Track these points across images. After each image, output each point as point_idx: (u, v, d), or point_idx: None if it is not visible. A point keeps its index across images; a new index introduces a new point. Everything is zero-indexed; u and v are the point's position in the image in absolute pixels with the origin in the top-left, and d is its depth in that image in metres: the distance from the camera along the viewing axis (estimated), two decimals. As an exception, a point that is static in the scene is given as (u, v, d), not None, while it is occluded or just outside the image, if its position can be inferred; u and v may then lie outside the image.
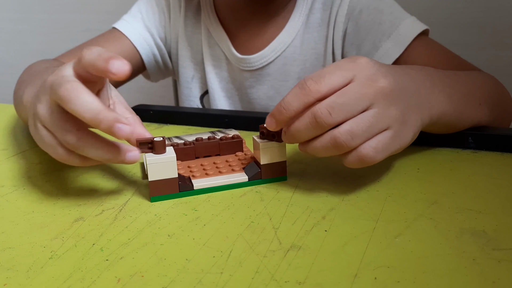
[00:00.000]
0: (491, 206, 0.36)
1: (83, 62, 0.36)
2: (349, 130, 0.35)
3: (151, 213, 0.38)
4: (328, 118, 0.35)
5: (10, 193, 0.43)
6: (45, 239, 0.34)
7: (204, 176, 0.42)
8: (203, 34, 0.74)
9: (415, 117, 0.39)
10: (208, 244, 0.33)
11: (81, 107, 0.34)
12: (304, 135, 0.36)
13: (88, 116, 0.34)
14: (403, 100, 0.38)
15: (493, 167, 0.44)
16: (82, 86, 0.35)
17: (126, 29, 0.73)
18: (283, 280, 0.28)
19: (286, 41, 0.68)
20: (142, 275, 0.30)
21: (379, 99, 0.36)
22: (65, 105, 0.35)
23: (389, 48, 0.61)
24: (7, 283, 0.29)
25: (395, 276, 0.28)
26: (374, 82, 0.36)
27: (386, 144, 0.36)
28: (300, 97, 0.36)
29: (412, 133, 0.38)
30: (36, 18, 1.50)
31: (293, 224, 0.35)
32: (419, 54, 0.61)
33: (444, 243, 0.32)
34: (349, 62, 0.37)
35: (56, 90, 0.35)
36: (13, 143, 0.56)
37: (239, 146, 0.47)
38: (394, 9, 0.63)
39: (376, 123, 0.36)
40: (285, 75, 0.70)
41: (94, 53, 0.35)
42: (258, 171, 0.42)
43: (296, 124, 0.36)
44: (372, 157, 0.36)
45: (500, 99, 0.55)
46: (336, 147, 0.35)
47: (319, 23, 0.67)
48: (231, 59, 0.71)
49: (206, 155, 0.46)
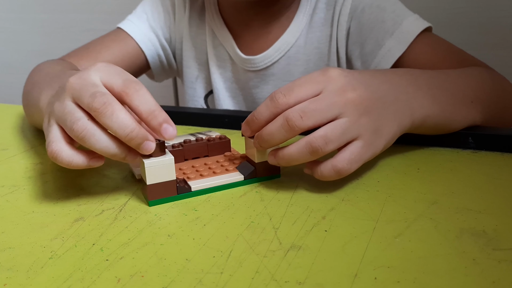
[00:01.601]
0: (491, 206, 0.36)
1: (127, 100, 0.37)
2: (323, 135, 0.37)
3: (151, 213, 0.38)
4: (299, 122, 0.37)
5: (10, 193, 0.43)
6: (45, 239, 0.34)
7: (199, 177, 0.42)
8: (208, 34, 0.74)
9: (389, 124, 0.40)
10: (208, 244, 0.33)
11: (117, 124, 0.35)
12: (276, 138, 0.38)
13: (123, 134, 0.36)
14: (376, 109, 0.39)
15: (493, 167, 0.44)
16: (117, 102, 0.36)
17: (131, 30, 0.73)
18: (283, 280, 0.28)
19: (290, 41, 0.68)
20: (142, 275, 0.30)
21: (349, 109, 0.38)
22: (98, 118, 0.36)
23: (392, 46, 0.61)
24: (7, 283, 0.29)
25: (395, 276, 0.28)
26: (344, 92, 0.38)
27: (359, 154, 0.38)
28: (269, 109, 0.38)
29: (384, 141, 0.40)
30: (36, 18, 1.50)
31: (293, 224, 0.35)
32: (422, 51, 0.61)
33: (444, 243, 0.32)
34: (320, 74, 0.39)
35: (87, 97, 0.36)
36: (13, 143, 0.56)
37: (227, 146, 0.47)
38: (396, 7, 0.63)
39: (348, 130, 0.37)
40: (289, 75, 0.70)
41: (143, 101, 0.37)
42: (253, 169, 0.42)
43: (269, 127, 0.38)
44: (348, 169, 0.38)
45: (500, 95, 0.55)
46: (311, 152, 0.37)
47: (322, 23, 0.67)
48: (236, 59, 0.71)
49: (195, 156, 0.46)
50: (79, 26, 1.43)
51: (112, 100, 0.36)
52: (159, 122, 0.37)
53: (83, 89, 0.36)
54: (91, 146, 0.36)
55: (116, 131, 0.36)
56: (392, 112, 0.40)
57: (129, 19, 0.75)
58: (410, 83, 0.44)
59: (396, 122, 0.41)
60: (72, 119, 0.36)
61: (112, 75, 0.38)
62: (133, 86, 0.37)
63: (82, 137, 0.36)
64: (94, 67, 0.38)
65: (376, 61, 0.62)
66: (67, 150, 0.37)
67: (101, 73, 0.38)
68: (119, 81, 0.37)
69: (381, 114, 0.39)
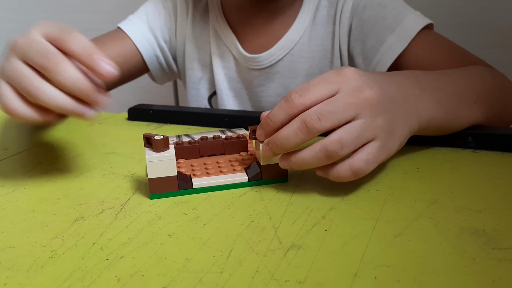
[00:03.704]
0: (491, 206, 0.36)
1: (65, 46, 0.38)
2: (338, 139, 0.36)
3: (151, 212, 0.38)
4: (318, 124, 0.36)
5: (10, 193, 0.43)
6: (45, 239, 0.34)
7: (205, 175, 0.42)
8: (211, 35, 0.74)
9: (402, 126, 0.40)
10: (208, 243, 0.33)
11: (65, 78, 0.38)
12: (292, 142, 0.37)
13: (71, 85, 0.38)
14: (390, 110, 0.39)
15: (493, 166, 0.44)
16: (63, 57, 0.38)
17: (129, 30, 0.74)
18: (283, 280, 0.28)
19: (294, 39, 0.69)
20: (142, 274, 0.30)
21: (365, 110, 0.37)
22: (47, 74, 0.38)
23: (393, 42, 0.61)
24: (7, 283, 0.29)
25: (395, 275, 0.28)
26: (360, 93, 0.37)
27: (375, 155, 0.37)
28: (285, 110, 0.37)
29: (398, 143, 0.39)
30: (35, 18, 1.50)
31: (293, 224, 0.35)
32: (423, 48, 0.61)
33: (444, 242, 0.32)
34: (335, 74, 0.38)
35: (35, 55, 0.38)
36: (13, 142, 0.57)
37: (244, 145, 0.47)
38: (398, 4, 0.64)
39: (364, 133, 0.37)
40: (293, 72, 0.70)
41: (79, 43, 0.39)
42: (258, 171, 0.42)
43: (284, 131, 0.37)
44: (365, 169, 0.37)
45: (501, 94, 0.55)
46: (327, 156, 0.36)
47: (325, 20, 0.68)
48: (240, 58, 0.72)
49: (211, 154, 0.46)
50: (79, 26, 1.41)
51: (58, 55, 0.38)
52: (96, 60, 0.38)
53: (30, 47, 0.39)
54: (43, 102, 0.38)
55: (64, 84, 0.38)
56: (403, 114, 0.40)
57: (129, 19, 0.76)
58: (415, 85, 0.43)
59: (407, 124, 0.40)
60: (23, 77, 0.38)
61: (51, 27, 0.40)
62: (69, 32, 0.39)
63: (34, 93, 0.38)
64: (37, 25, 0.40)
65: (377, 57, 0.63)
66: (22, 106, 0.39)
67: (41, 28, 0.40)
68: (56, 30, 0.39)
69: (394, 115, 0.39)
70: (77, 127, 0.62)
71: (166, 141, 0.39)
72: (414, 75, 0.45)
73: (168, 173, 0.39)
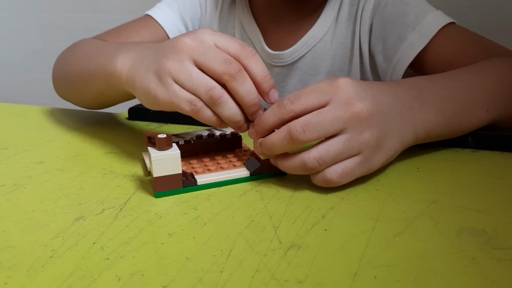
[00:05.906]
0: (490, 205, 0.36)
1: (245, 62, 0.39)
2: (318, 157, 0.37)
3: (152, 212, 0.38)
4: (302, 135, 0.37)
5: (11, 192, 0.43)
6: (45, 238, 0.34)
7: (207, 172, 0.43)
8: (236, 27, 0.75)
9: (392, 141, 0.40)
10: (208, 243, 0.33)
11: (246, 90, 0.39)
12: (279, 148, 0.39)
13: (248, 99, 0.39)
14: (380, 124, 0.39)
15: (493, 166, 0.44)
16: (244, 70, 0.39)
17: (160, 18, 0.73)
18: (283, 279, 0.28)
19: (318, 36, 0.69)
20: (143, 274, 0.30)
21: (353, 124, 0.37)
22: (230, 83, 0.38)
23: (414, 39, 0.61)
24: (8, 282, 0.29)
25: (395, 275, 0.28)
26: (349, 106, 0.37)
27: (352, 169, 0.38)
28: (276, 114, 0.39)
29: (384, 158, 0.40)
30: (36, 17, 1.50)
31: (293, 223, 0.35)
32: (443, 44, 0.60)
33: (444, 242, 0.32)
34: (328, 84, 0.39)
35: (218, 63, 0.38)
36: (14, 142, 0.57)
37: (238, 142, 0.48)
38: (419, 2, 0.63)
39: (346, 149, 0.37)
40: (315, 69, 0.70)
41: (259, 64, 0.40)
42: (259, 166, 0.43)
43: (272, 137, 0.39)
44: (337, 182, 0.38)
45: None
46: (305, 170, 0.38)
47: (347, 18, 0.68)
48: (262, 54, 0.72)
49: (206, 152, 0.47)
50: (79, 26, 1.43)
51: (241, 67, 0.39)
52: (270, 86, 0.40)
53: (208, 53, 0.39)
54: (220, 113, 0.39)
55: (243, 97, 0.39)
56: (395, 128, 0.40)
57: (158, 6, 0.75)
58: (415, 98, 0.42)
59: (399, 139, 0.40)
60: (207, 85, 0.38)
61: (227, 39, 0.40)
62: (249, 50, 0.40)
63: (218, 103, 0.39)
64: (202, 31, 0.40)
65: (398, 55, 0.62)
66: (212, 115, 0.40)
67: (214, 37, 0.40)
68: (235, 44, 0.40)
69: (384, 129, 0.39)
70: (77, 127, 0.62)
71: (169, 139, 0.40)
72: (416, 86, 0.44)
73: (174, 171, 0.40)
